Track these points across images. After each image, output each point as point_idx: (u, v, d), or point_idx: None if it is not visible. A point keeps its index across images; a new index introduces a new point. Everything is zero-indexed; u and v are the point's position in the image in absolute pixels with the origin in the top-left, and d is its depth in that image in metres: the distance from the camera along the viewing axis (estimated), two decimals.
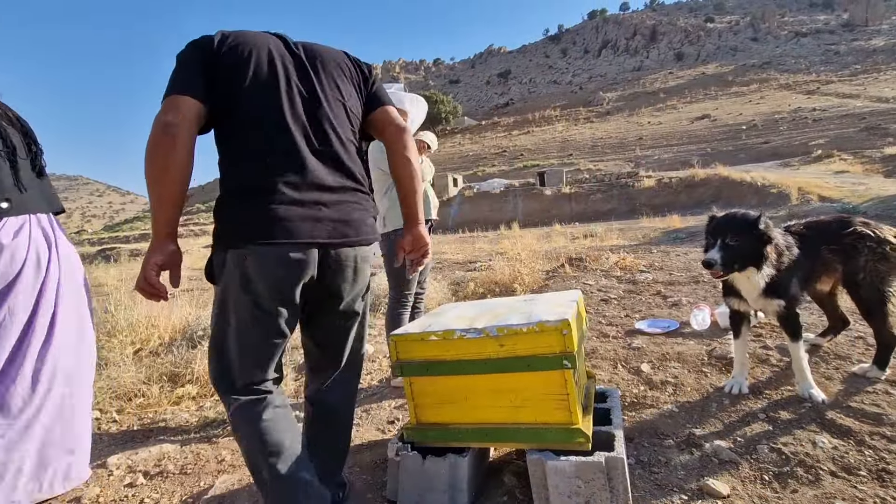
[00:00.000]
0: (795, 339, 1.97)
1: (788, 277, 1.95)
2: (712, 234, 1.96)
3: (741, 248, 1.88)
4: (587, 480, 1.36)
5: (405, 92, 2.68)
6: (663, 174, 27.20)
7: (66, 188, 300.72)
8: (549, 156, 48.81)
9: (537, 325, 1.41)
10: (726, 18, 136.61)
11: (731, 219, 1.94)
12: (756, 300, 1.99)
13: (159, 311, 3.93)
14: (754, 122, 44.46)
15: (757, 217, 1.89)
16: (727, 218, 1.96)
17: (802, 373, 1.98)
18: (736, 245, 1.88)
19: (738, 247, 1.88)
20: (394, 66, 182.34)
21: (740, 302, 2.07)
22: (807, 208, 10.82)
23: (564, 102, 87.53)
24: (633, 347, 2.81)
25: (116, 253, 20.36)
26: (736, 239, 1.88)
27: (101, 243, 31.85)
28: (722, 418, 1.91)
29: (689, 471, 1.59)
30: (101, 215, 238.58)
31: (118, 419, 2.52)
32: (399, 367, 1.57)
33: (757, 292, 1.95)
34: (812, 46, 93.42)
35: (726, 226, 1.92)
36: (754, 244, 1.88)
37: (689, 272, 4.95)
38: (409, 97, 2.58)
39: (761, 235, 1.87)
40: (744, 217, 1.91)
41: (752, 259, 1.89)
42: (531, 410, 1.46)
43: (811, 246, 2.05)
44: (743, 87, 68.46)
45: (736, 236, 1.88)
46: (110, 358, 3.16)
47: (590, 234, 11.47)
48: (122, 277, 7.46)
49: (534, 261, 5.93)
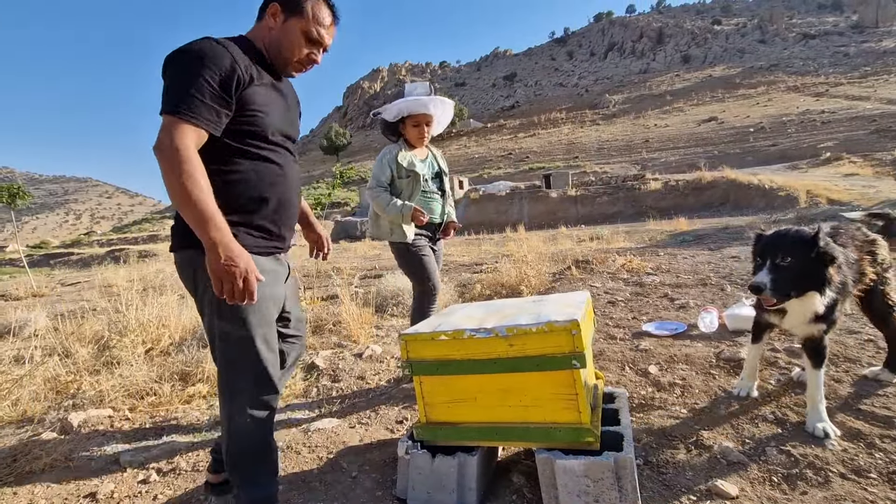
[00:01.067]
0: (818, 366, 1.75)
1: (839, 299, 1.70)
2: (761, 254, 1.72)
3: (797, 269, 1.62)
4: (596, 480, 1.37)
5: (431, 93, 2.57)
6: (670, 177, 27.09)
7: (76, 190, 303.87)
8: (555, 158, 48.76)
9: (546, 325, 1.42)
10: (733, 20, 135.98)
11: (783, 236, 1.68)
12: (802, 325, 1.73)
13: (169, 311, 3.97)
14: (762, 124, 44.18)
15: (815, 233, 1.61)
16: (778, 235, 1.69)
17: (816, 404, 1.75)
18: (790, 266, 1.62)
19: (793, 268, 1.62)
20: (400, 68, 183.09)
21: (776, 317, 1.83)
22: (815, 211, 10.73)
23: (570, 105, 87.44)
24: (641, 349, 2.81)
25: (125, 254, 20.57)
26: (790, 259, 1.63)
27: (109, 244, 32.16)
28: (730, 420, 1.91)
29: (698, 472, 1.59)
30: (111, 217, 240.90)
31: (131, 417, 2.56)
32: (409, 366, 1.59)
33: (809, 317, 1.69)
34: (821, 48, 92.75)
35: (778, 244, 1.66)
36: (814, 265, 1.61)
37: (697, 275, 4.93)
38: (433, 101, 2.52)
39: (822, 255, 1.60)
40: (798, 234, 1.65)
41: (812, 283, 1.63)
42: (540, 410, 1.47)
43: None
44: (750, 90, 68.11)
45: (790, 256, 1.63)
46: (122, 357, 3.21)
47: (596, 236, 11.45)
48: (131, 278, 7.54)
49: (540, 263, 5.93)
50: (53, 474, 1.96)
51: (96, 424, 2.44)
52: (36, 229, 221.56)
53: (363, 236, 26.50)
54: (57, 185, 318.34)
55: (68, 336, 3.81)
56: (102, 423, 2.46)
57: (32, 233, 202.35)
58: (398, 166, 2.52)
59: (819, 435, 1.69)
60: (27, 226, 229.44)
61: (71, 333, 3.88)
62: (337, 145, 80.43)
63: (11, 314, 5.30)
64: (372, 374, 2.97)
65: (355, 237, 27.15)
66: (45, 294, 9.47)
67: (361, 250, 15.61)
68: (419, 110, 2.50)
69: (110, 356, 3.33)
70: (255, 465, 1.40)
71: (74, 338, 3.79)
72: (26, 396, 2.70)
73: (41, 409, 2.64)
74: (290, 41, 1.35)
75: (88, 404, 2.67)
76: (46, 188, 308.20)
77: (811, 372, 1.77)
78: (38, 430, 2.39)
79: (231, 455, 1.38)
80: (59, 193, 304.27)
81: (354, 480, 1.75)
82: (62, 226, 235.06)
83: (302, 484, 1.76)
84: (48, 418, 2.51)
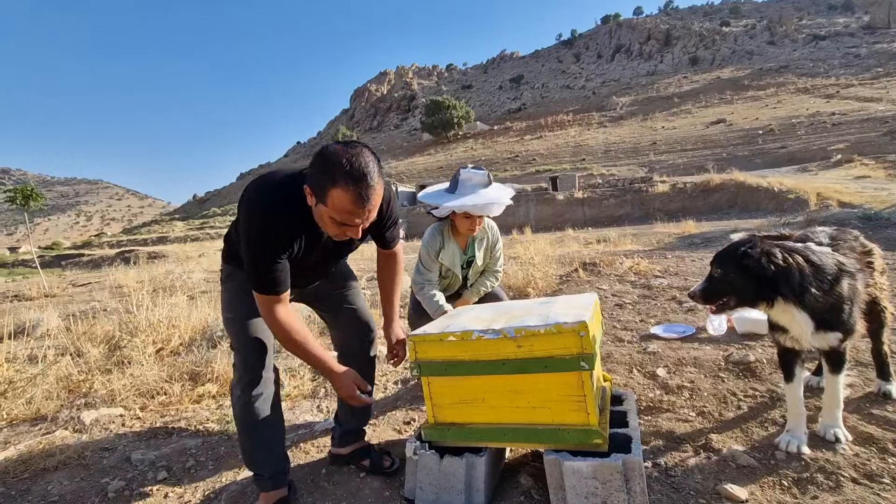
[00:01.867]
0: (837, 372, 1.67)
1: (847, 303, 1.59)
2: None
3: (728, 280, 1.62)
4: (604, 482, 1.37)
5: (489, 182, 2.35)
6: (678, 179, 26.93)
7: (87, 192, 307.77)
8: (562, 160, 48.65)
9: (555, 327, 1.42)
10: (742, 22, 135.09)
11: (721, 251, 1.70)
12: (811, 337, 1.62)
13: (179, 311, 4.02)
14: (771, 126, 43.80)
15: (740, 249, 1.60)
16: (721, 249, 1.71)
17: (832, 409, 1.71)
18: (720, 277, 1.65)
19: (723, 279, 1.64)
20: (407, 71, 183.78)
21: (789, 338, 1.70)
22: (826, 214, 10.61)
23: (577, 107, 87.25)
24: (649, 352, 2.80)
25: (135, 255, 20.79)
26: (720, 270, 1.65)
27: (119, 246, 32.52)
28: (739, 423, 1.89)
29: (707, 475, 1.58)
30: (121, 218, 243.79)
31: (141, 416, 2.59)
32: (417, 367, 1.59)
33: (810, 329, 1.59)
34: (831, 49, 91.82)
35: (716, 257, 1.69)
36: (750, 276, 1.57)
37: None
38: (497, 202, 2.27)
39: (748, 268, 1.57)
40: (729, 249, 1.66)
41: (761, 294, 1.59)
42: (548, 411, 1.47)
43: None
44: (759, 92, 67.53)
45: (720, 268, 1.66)
46: (133, 357, 3.25)
47: (603, 238, 11.39)
48: (141, 279, 7.62)
49: (547, 265, 5.92)
50: (66, 472, 1.99)
51: (108, 423, 2.47)
52: (48, 230, 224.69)
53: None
54: (68, 187, 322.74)
55: (80, 336, 3.87)
56: (114, 421, 2.50)
57: (44, 234, 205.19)
58: (441, 264, 2.42)
59: (830, 439, 1.67)
60: (39, 227, 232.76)
61: (83, 333, 3.93)
62: None
63: (25, 314, 5.39)
64: (379, 374, 2.98)
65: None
66: (57, 294, 9.60)
67: (368, 252, 15.64)
68: (475, 212, 2.27)
69: (121, 356, 3.37)
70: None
71: (86, 338, 3.84)
72: (40, 395, 2.74)
73: (54, 407, 2.68)
74: (323, 222, 1.41)
75: (100, 403, 2.71)
76: (58, 190, 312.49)
77: (829, 377, 1.70)
78: (52, 428, 2.43)
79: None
80: (70, 195, 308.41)
81: (362, 480, 1.76)
82: (73, 227, 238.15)
83: (310, 483, 1.77)
84: (61, 416, 2.55)
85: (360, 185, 1.27)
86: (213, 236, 32.80)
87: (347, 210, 1.31)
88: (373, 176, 1.30)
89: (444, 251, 2.39)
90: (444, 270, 2.45)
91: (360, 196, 1.28)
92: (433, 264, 2.40)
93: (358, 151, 1.30)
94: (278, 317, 1.46)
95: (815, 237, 1.75)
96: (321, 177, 1.30)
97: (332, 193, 1.28)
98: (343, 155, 1.28)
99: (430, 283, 2.37)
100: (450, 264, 2.41)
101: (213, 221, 44.13)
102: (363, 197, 1.29)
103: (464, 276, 2.54)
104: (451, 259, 2.41)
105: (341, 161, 1.27)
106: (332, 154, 1.29)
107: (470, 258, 2.50)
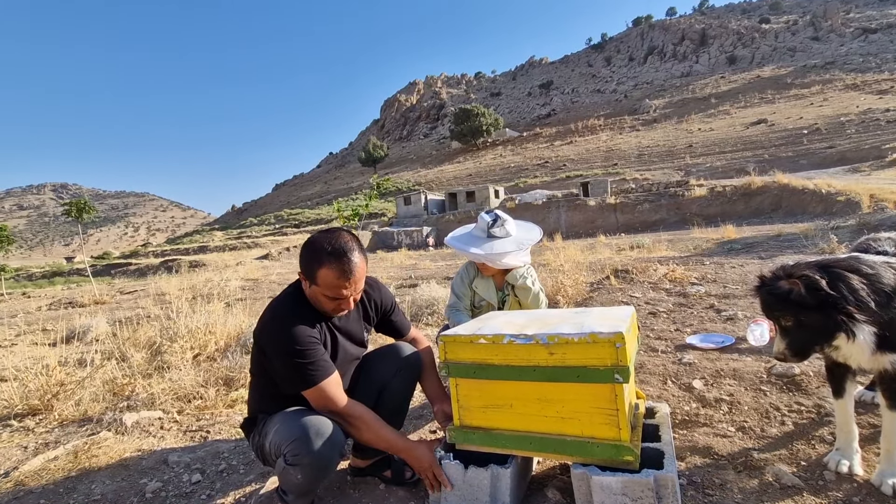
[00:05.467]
0: (895, 407, 1.45)
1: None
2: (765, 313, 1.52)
3: (802, 325, 1.41)
4: (635, 499, 1.31)
5: (508, 234, 2.33)
6: (716, 182, 25.95)
7: (135, 204, 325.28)
8: (593, 166, 47.84)
9: (590, 336, 1.37)
10: (783, 18, 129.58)
11: (769, 296, 1.45)
12: (866, 358, 1.43)
13: (216, 318, 4.16)
14: (817, 125, 41.67)
15: (786, 290, 1.37)
16: (766, 295, 1.46)
17: (891, 454, 1.47)
18: (794, 326, 1.42)
19: (798, 326, 1.41)
20: (436, 80, 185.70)
21: (840, 354, 1.51)
22: (881, 217, 9.95)
23: (609, 111, 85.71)
24: (684, 363, 2.69)
25: (178, 264, 21.76)
26: (791, 320, 1.42)
27: (163, 255, 34.12)
28: (784, 440, 1.78)
29: (747, 495, 1.49)
30: (165, 229, 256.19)
31: (178, 419, 2.68)
32: (446, 367, 1.58)
33: (868, 353, 1.40)
34: (883, 43, 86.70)
35: (771, 306, 1.45)
36: (815, 313, 1.36)
37: (746, 285, 4.67)
38: (516, 254, 2.26)
39: (803, 305, 1.35)
40: (774, 293, 1.42)
41: (833, 328, 1.37)
42: (578, 423, 1.43)
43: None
44: (803, 90, 64.47)
45: (785, 315, 1.43)
46: (172, 362, 3.38)
47: (636, 245, 11.08)
48: (182, 287, 7.96)
49: (577, 272, 5.80)
50: (108, 472, 2.08)
51: (147, 425, 2.58)
52: (99, 241, 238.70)
53: (399, 246, 26.86)
54: (118, 200, 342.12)
55: (125, 341, 4.06)
56: (153, 424, 2.60)
57: (96, 244, 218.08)
58: (473, 293, 2.47)
59: (887, 493, 1.42)
60: (92, 238, 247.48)
61: (127, 338, 4.13)
62: (375, 157, 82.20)
63: (77, 320, 5.73)
64: None
65: (392, 247, 27.57)
66: (106, 301, 10.14)
67: (398, 260, 15.80)
68: (490, 263, 2.30)
69: (161, 361, 3.52)
70: None
71: (130, 343, 4.03)
72: (87, 397, 2.89)
73: (100, 409, 2.82)
74: (318, 301, 1.58)
75: (141, 406, 2.83)
76: (109, 203, 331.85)
77: (887, 413, 1.46)
78: (97, 429, 2.55)
79: None
80: (119, 208, 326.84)
81: (387, 488, 1.75)
82: (122, 238, 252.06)
83: (336, 490, 1.78)
84: (105, 418, 2.67)
85: (342, 261, 1.48)
86: (250, 245, 33.97)
87: (335, 284, 1.50)
88: (353, 251, 1.51)
89: (479, 279, 2.46)
90: (478, 300, 2.50)
91: (344, 270, 1.49)
92: (465, 290, 2.47)
93: (337, 235, 1.53)
94: (335, 399, 1.52)
95: (879, 245, 1.60)
96: (310, 262, 1.52)
97: (320, 273, 1.49)
98: (325, 240, 1.51)
99: (460, 311, 2.45)
100: (484, 294, 2.46)
101: (249, 231, 45.74)
102: (346, 271, 1.49)
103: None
104: (485, 289, 2.46)
105: (324, 245, 1.50)
106: (316, 241, 1.53)
107: (503, 298, 2.52)
